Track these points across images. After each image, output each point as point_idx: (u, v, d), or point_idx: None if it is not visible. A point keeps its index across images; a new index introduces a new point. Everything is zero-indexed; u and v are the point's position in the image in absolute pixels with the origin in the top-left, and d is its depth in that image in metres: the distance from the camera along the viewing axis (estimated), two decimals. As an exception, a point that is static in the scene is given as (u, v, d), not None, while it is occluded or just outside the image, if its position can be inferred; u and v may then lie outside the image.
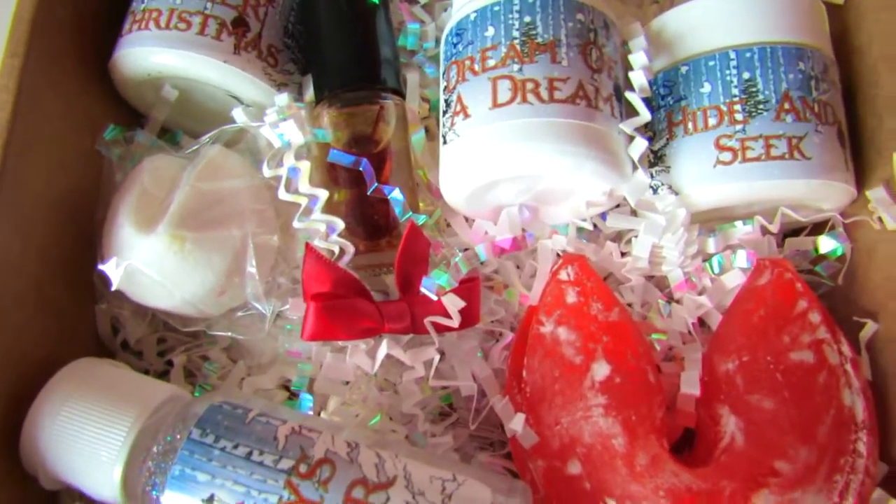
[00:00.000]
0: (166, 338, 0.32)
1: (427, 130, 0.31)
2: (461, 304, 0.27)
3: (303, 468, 0.25)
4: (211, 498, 0.24)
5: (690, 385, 0.26)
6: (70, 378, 0.27)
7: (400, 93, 0.31)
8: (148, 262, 0.27)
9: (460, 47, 0.28)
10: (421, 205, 0.31)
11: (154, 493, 0.25)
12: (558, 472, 0.26)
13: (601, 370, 0.26)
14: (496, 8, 0.27)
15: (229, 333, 0.30)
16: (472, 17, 0.27)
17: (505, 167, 0.26)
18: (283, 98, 0.29)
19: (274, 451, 0.25)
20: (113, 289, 0.28)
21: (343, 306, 0.27)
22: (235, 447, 0.25)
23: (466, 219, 0.31)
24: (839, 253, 0.28)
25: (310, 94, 0.31)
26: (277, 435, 0.25)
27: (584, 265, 0.28)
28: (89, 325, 0.30)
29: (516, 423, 0.27)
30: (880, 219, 0.26)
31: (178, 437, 0.25)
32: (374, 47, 0.30)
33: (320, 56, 0.30)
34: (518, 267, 0.31)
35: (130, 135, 0.31)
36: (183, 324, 0.30)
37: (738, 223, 0.29)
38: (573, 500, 0.26)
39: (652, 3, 0.32)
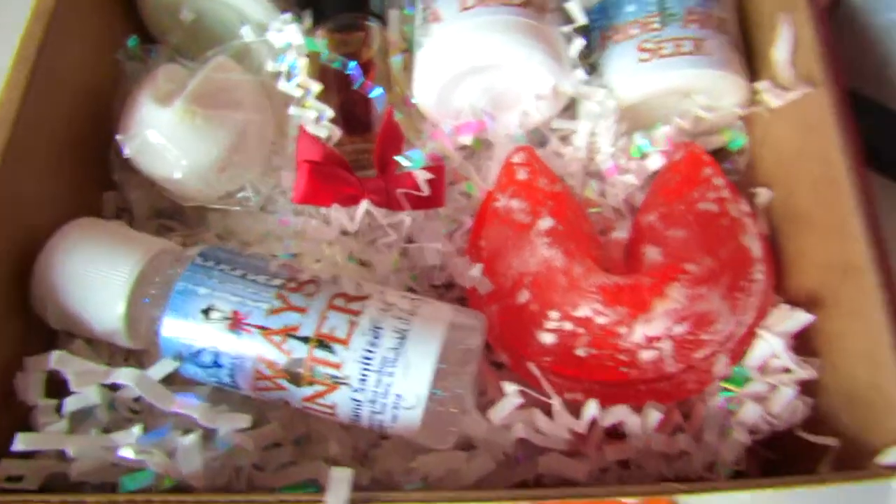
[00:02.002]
0: (166, 225, 0.36)
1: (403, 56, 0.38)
2: (429, 176, 0.33)
3: (292, 284, 0.29)
4: (209, 308, 0.29)
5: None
6: (78, 227, 0.31)
7: (383, 20, 0.38)
8: (162, 130, 0.32)
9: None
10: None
11: (155, 315, 0.29)
12: (510, 307, 0.31)
13: (546, 223, 0.32)
14: None
15: (224, 207, 0.35)
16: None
17: (470, 57, 0.32)
18: (286, 16, 0.36)
19: (266, 273, 0.29)
20: (126, 155, 0.33)
21: (330, 172, 0.32)
22: (233, 269, 0.29)
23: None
24: (740, 144, 0.35)
25: (308, 21, 0.38)
26: (269, 265, 0.30)
27: (531, 152, 0.34)
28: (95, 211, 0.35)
29: (475, 272, 0.32)
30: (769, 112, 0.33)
31: (179, 270, 0.30)
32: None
33: (316, -11, 0.37)
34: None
35: (148, 48, 0.37)
36: (183, 199, 0.35)
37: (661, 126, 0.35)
38: (523, 326, 0.30)
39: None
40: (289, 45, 0.35)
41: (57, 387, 0.28)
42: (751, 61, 0.35)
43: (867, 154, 0.34)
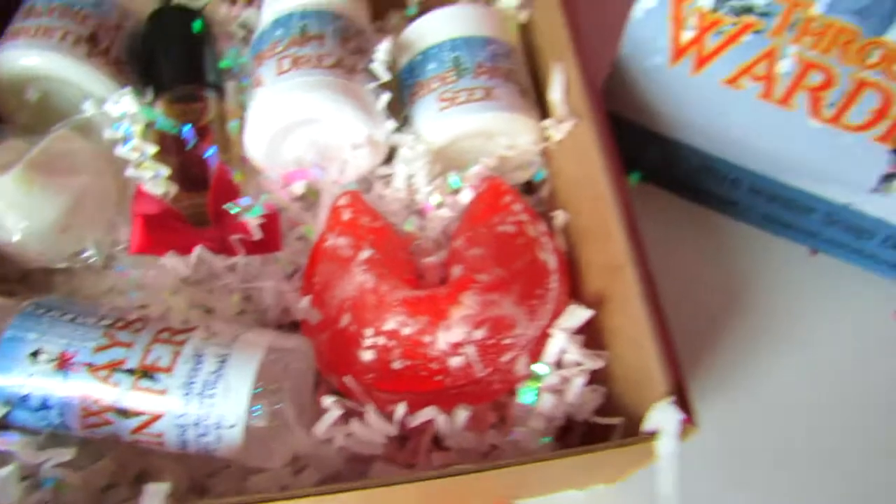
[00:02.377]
0: (9, 290, 0.38)
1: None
2: (261, 220, 0.36)
3: (120, 323, 0.31)
4: (37, 352, 0.30)
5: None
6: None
7: (220, 91, 0.42)
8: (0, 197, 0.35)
9: (260, 45, 0.39)
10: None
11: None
12: (335, 333, 0.34)
13: (365, 254, 0.35)
14: (284, 18, 0.39)
15: (69, 265, 0.37)
16: (269, 25, 0.39)
17: (286, 114, 0.37)
18: (125, 89, 0.39)
19: (96, 316, 0.31)
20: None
21: (163, 223, 0.35)
22: (63, 315, 0.31)
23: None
24: (541, 176, 0.40)
25: (150, 94, 0.41)
26: (100, 309, 0.32)
27: (356, 195, 0.38)
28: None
29: (303, 304, 0.35)
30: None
31: (10, 321, 0.31)
32: (200, 58, 0.41)
33: (157, 66, 0.41)
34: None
35: (-2, 128, 0.40)
36: (26, 261, 0.36)
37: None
38: (346, 348, 0.33)
39: (402, 19, 0.45)
40: (125, 114, 0.38)
41: None
42: (543, 105, 0.40)
43: (639, 166, 0.41)
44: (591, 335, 0.34)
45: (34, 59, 0.38)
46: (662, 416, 0.27)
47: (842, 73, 0.36)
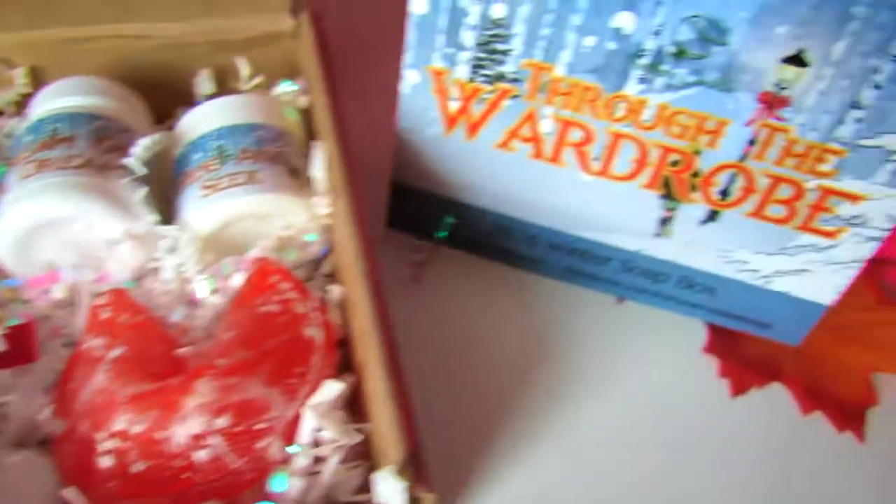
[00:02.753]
0: None
1: None
2: (6, 331, 0.34)
3: None
4: None
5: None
6: None
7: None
8: None
9: (14, 151, 0.39)
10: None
11: None
12: (76, 440, 0.31)
13: (114, 353, 0.33)
14: (35, 124, 0.39)
15: None
16: (22, 132, 0.39)
17: (28, 215, 0.36)
18: None
19: None
20: None
21: None
22: None
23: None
24: (323, 252, 0.39)
25: None
26: None
27: (118, 293, 0.37)
28: None
29: (44, 413, 0.32)
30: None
31: None
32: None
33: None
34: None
35: None
36: None
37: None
38: (84, 455, 0.31)
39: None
40: None
41: None
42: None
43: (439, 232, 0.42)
44: (359, 409, 0.32)
45: None
46: (385, 487, 0.25)
47: (597, 128, 0.38)
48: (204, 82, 0.47)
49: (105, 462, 0.30)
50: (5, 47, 0.44)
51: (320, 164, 0.38)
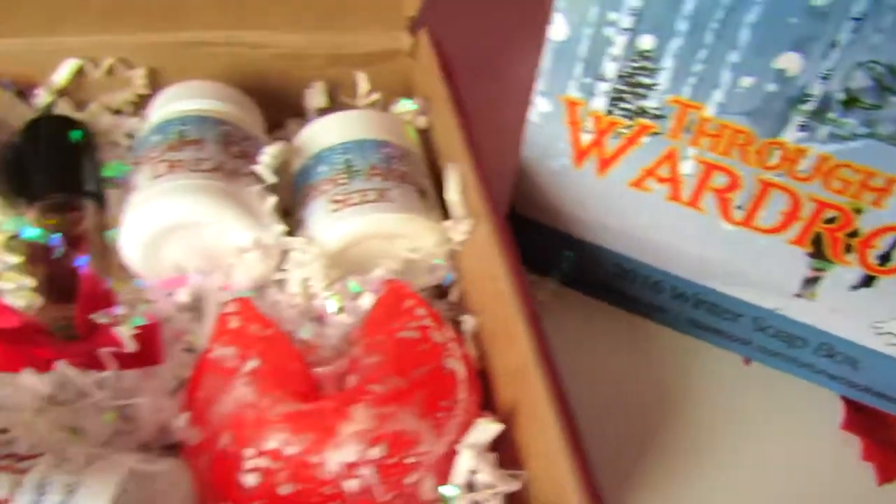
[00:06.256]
0: None
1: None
2: (134, 331, 0.34)
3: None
4: None
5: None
6: None
7: (101, 199, 0.40)
8: None
9: (138, 152, 0.39)
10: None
11: None
12: (215, 454, 0.31)
13: (250, 365, 0.33)
14: (162, 124, 0.40)
15: None
16: (148, 132, 0.39)
17: (161, 216, 0.36)
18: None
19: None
20: None
21: (19, 337, 0.33)
22: None
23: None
24: (449, 279, 0.39)
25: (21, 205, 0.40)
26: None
27: (246, 302, 0.37)
28: None
29: (180, 422, 0.32)
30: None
31: None
32: (77, 166, 0.40)
33: (30, 175, 0.40)
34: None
35: None
36: None
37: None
38: (225, 469, 0.31)
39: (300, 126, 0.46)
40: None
41: None
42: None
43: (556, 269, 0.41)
44: (507, 453, 0.32)
45: None
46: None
47: (745, 174, 0.36)
48: (317, 95, 0.47)
49: (250, 480, 0.30)
50: (125, 48, 0.45)
51: (455, 187, 0.39)
